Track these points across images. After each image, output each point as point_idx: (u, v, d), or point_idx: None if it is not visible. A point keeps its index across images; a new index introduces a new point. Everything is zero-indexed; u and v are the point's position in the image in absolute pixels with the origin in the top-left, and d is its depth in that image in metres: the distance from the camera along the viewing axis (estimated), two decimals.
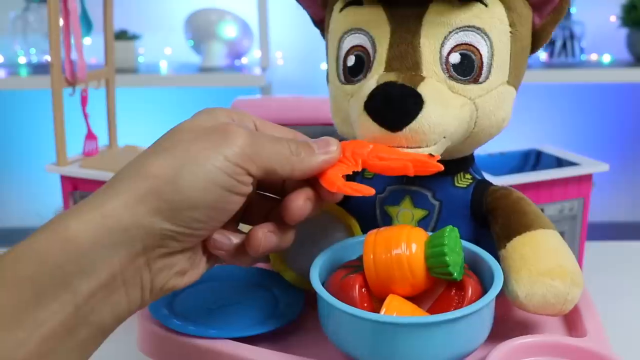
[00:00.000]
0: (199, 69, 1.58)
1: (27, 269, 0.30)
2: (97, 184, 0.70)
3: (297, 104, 0.76)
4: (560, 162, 0.71)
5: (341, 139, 0.41)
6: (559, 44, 1.57)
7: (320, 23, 0.49)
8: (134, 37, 1.58)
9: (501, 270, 0.40)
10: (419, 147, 0.40)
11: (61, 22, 0.69)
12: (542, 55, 1.61)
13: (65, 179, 0.70)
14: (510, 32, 0.43)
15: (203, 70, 1.55)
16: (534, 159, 0.76)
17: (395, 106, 0.40)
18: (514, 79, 0.44)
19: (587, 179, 0.69)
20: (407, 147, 0.40)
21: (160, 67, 1.63)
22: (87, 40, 1.52)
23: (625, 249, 0.84)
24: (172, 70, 1.59)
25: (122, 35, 1.55)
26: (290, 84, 1.74)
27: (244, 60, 1.66)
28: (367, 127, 0.40)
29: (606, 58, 1.63)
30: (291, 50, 1.74)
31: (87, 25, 1.53)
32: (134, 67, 1.57)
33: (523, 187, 0.64)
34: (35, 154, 1.63)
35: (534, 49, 0.47)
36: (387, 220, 0.47)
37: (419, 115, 0.39)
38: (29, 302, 0.30)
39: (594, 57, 1.65)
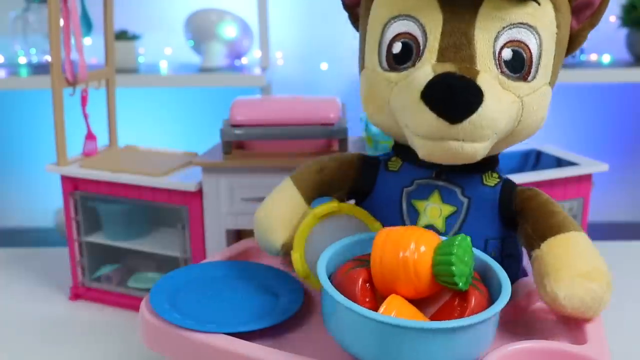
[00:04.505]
0: (199, 69, 1.57)
1: None
2: (97, 184, 0.69)
3: (297, 104, 0.76)
4: (560, 162, 0.71)
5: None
6: None
7: (352, 7, 0.47)
8: (134, 37, 1.58)
9: (510, 285, 0.40)
10: (474, 142, 0.39)
11: (61, 22, 0.69)
12: None
13: (65, 179, 0.70)
14: (556, 33, 0.43)
15: (203, 71, 1.55)
16: (534, 159, 0.76)
17: (458, 98, 0.38)
18: (553, 81, 0.45)
19: (586, 179, 0.69)
20: (463, 140, 0.39)
21: (160, 67, 1.63)
22: (87, 40, 1.52)
23: (625, 249, 0.84)
24: (172, 70, 1.59)
25: (122, 35, 1.54)
26: (290, 84, 1.74)
27: (244, 60, 1.66)
28: (424, 117, 0.39)
29: (606, 58, 1.62)
30: (291, 50, 1.74)
31: (87, 25, 1.53)
32: (134, 67, 1.57)
33: None
34: (35, 154, 1.63)
35: (568, 52, 0.46)
36: (414, 215, 0.46)
37: (480, 109, 0.39)
38: None
39: (593, 57, 1.65)
